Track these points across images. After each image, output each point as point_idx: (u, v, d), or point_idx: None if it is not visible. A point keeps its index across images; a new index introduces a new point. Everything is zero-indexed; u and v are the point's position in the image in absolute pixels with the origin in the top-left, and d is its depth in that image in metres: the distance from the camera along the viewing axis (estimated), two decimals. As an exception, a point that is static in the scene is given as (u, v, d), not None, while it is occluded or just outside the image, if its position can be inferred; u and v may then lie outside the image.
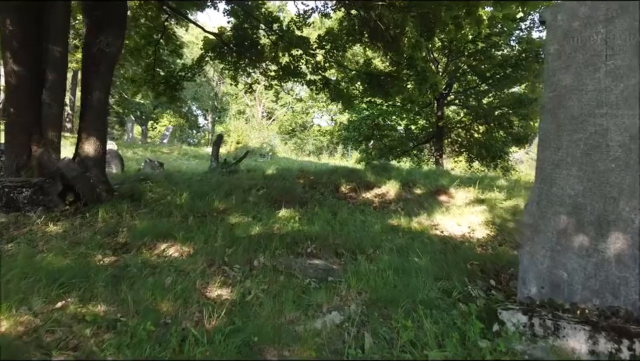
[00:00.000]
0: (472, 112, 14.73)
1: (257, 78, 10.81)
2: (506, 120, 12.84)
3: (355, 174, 9.54)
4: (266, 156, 20.68)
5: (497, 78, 12.80)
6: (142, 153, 19.15)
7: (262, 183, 9.19)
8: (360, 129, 16.08)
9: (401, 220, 6.21)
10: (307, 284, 3.41)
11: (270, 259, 3.90)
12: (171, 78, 10.32)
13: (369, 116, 15.95)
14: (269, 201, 7.61)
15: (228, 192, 8.19)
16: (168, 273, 3.54)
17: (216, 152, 11.29)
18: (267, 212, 6.60)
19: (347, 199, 8.51)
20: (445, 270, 3.95)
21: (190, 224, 5.35)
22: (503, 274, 4.09)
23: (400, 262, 4.03)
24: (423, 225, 6.27)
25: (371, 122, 15.75)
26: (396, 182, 8.66)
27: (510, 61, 12.49)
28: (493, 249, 5.00)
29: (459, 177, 9.19)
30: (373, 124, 15.83)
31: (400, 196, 8.25)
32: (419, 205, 7.70)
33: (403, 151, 14.93)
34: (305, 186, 9.27)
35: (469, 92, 14.80)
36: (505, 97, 13.25)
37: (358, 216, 6.77)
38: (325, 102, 27.90)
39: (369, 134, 16.02)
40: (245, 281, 3.51)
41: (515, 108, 12.50)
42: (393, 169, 9.72)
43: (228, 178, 9.92)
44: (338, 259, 4.28)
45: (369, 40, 9.00)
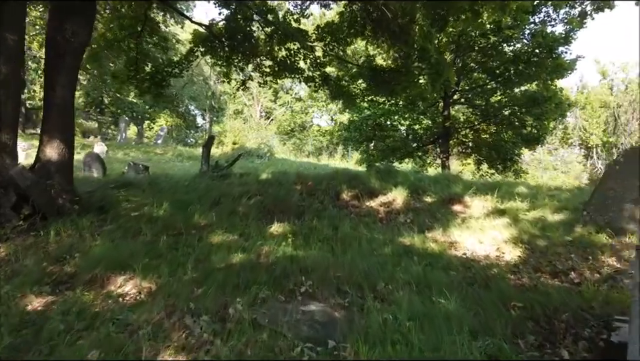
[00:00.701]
0: (479, 112, 13.71)
1: (250, 74, 9.78)
2: (518, 120, 11.83)
3: (357, 180, 8.54)
4: (263, 158, 19.68)
5: (507, 76, 11.77)
6: (134, 154, 18.14)
7: (255, 190, 8.19)
8: (361, 129, 15.05)
9: (414, 239, 5.21)
10: (299, 354, 2.40)
11: (249, 308, 2.89)
12: (156, 75, 9.30)
13: (371, 115, 14.93)
14: (261, 212, 6.61)
15: (215, 201, 7.19)
16: (107, 330, 2.53)
17: (206, 155, 10.28)
18: (256, 227, 5.60)
19: (349, 208, 7.51)
20: (482, 318, 2.95)
21: (160, 246, 4.35)
22: (557, 320, 3.09)
23: (422, 305, 3.04)
24: (439, 243, 5.28)
25: (373, 122, 14.72)
26: (403, 188, 7.66)
27: (523, 57, 11.47)
28: (531, 279, 4.00)
29: (473, 183, 8.19)
30: (375, 124, 14.79)
31: (408, 205, 7.25)
32: (430, 216, 6.70)
33: (407, 152, 13.90)
34: (302, 192, 8.27)
35: (476, 91, 13.78)
36: (515, 96, 12.22)
37: (362, 232, 5.78)
38: (324, 102, 26.87)
39: (371, 134, 14.97)
40: (214, 341, 2.51)
41: (528, 107, 11.48)
42: (399, 174, 8.73)
43: (218, 183, 8.92)
44: (341, 299, 3.28)
45: (372, 34, 7.98)
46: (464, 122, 13.31)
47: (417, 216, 6.73)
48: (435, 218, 6.66)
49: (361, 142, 16.08)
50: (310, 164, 20.65)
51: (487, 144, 12.68)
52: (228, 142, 20.74)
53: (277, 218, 6.27)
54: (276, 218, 6.33)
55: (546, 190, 7.86)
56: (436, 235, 5.71)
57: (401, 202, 7.40)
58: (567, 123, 22.19)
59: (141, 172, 9.70)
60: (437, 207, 6.99)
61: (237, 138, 20.28)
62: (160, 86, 9.45)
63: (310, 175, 9.33)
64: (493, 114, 12.47)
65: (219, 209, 6.69)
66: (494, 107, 12.83)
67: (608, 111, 22.13)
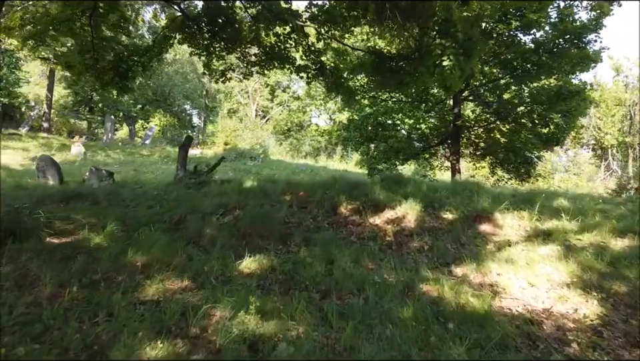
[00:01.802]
0: (492, 110, 12.12)
1: (231, 63, 8.17)
2: (539, 118, 10.25)
3: (358, 189, 6.94)
4: (257, 159, 18.07)
5: (525, 69, 10.17)
6: (116, 156, 16.54)
7: (234, 202, 6.60)
8: (361, 129, 13.38)
9: (442, 285, 3.60)
10: None
11: None
12: (120, 64, 7.68)
13: (372, 114, 13.30)
14: (234, 236, 5.01)
15: (179, 220, 5.60)
16: None
17: (182, 158, 8.69)
18: (220, 263, 4.00)
19: (349, 227, 5.92)
20: None
21: (44, 315, 2.71)
22: None
23: None
24: (475, 289, 3.69)
25: (374, 120, 13.09)
26: (415, 202, 6.06)
27: (546, 46, 9.84)
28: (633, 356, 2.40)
29: (499, 193, 6.58)
30: (376, 123, 13.15)
31: (423, 224, 5.65)
32: (453, 240, 5.11)
33: (411, 154, 12.30)
34: (292, 205, 6.68)
35: (487, 86, 12.20)
36: (537, 91, 10.61)
37: (367, 266, 4.20)
38: (322, 100, 25.25)
39: (372, 134, 13.30)
40: None
41: (552, 103, 9.87)
42: (408, 182, 7.12)
43: (192, 193, 7.33)
44: None
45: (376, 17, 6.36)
46: (477, 121, 11.68)
47: (435, 239, 5.14)
48: (460, 242, 5.07)
49: (361, 142, 14.43)
50: (307, 165, 19.05)
51: (502, 145, 11.08)
52: (220, 142, 19.13)
53: (253, 246, 4.68)
54: (252, 245, 4.74)
55: (592, 203, 6.25)
56: (467, 272, 4.12)
57: (413, 219, 5.80)
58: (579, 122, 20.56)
59: (104, 179, 8.11)
60: (461, 227, 5.39)
61: (229, 138, 18.68)
62: (125, 77, 7.84)
63: (302, 183, 7.72)
64: (510, 111, 10.86)
65: (179, 232, 5.10)
66: (512, 104, 11.21)
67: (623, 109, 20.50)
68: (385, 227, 5.74)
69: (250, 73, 8.43)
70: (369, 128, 13.42)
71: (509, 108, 11.10)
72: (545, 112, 10.20)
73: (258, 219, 5.46)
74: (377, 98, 12.60)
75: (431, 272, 4.09)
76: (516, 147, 10.87)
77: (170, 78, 27.46)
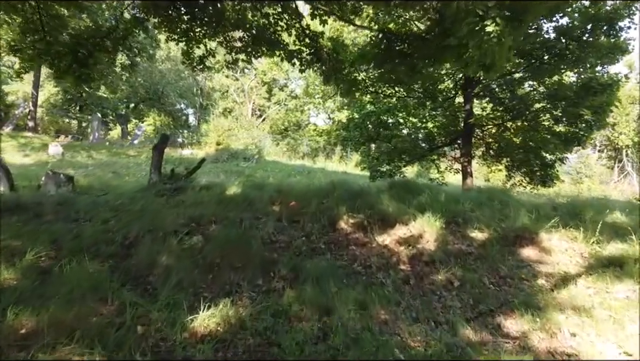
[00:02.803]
0: (503, 107, 10.85)
1: (211, 49, 6.85)
2: (564, 115, 8.95)
3: (362, 199, 5.63)
4: (251, 160, 16.74)
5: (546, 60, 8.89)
6: (99, 157, 15.20)
7: (209, 215, 5.30)
8: (362, 128, 12.01)
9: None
10: None
11: None
12: (78, 48, 6.34)
13: (374, 112, 11.97)
14: (198, 266, 3.69)
15: (133, 241, 4.28)
16: None
17: (157, 161, 7.37)
18: (165, 315, 2.68)
19: (351, 248, 4.61)
20: None
21: None
22: None
23: None
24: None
25: (376, 118, 11.77)
26: (433, 216, 4.75)
27: (571, 34, 8.54)
28: None
29: (535, 204, 5.26)
30: (379, 122, 11.82)
31: (445, 245, 4.34)
32: (491, 272, 3.80)
33: (419, 155, 11.00)
34: (280, 218, 5.38)
35: (500, 81, 10.91)
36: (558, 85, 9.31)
37: (378, 318, 2.89)
38: (321, 98, 23.88)
39: (374, 133, 11.96)
40: None
41: (580, 98, 8.57)
42: (422, 190, 5.79)
43: (161, 203, 6.01)
44: None
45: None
46: (491, 119, 10.38)
47: (465, 270, 3.83)
48: (499, 274, 3.76)
49: (362, 142, 13.07)
50: (304, 167, 17.74)
51: (520, 145, 9.77)
52: (212, 142, 17.84)
53: (221, 283, 3.38)
54: (220, 281, 3.43)
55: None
56: (525, 329, 2.81)
57: (432, 239, 4.50)
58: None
59: (63, 184, 6.79)
60: (497, 252, 4.08)
61: (221, 137, 17.39)
62: (85, 65, 6.49)
63: (295, 190, 6.41)
64: (529, 107, 9.56)
65: (126, 261, 3.78)
66: (530, 99, 9.90)
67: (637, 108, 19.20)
68: (398, 249, 4.43)
69: (234, 61, 7.10)
70: (370, 127, 12.09)
71: (528, 104, 9.78)
72: (571, 107, 8.89)
73: (234, 240, 4.14)
74: (380, 94, 11.28)
75: (471, 328, 2.77)
76: (536, 148, 9.57)
77: (163, 76, 26.11)
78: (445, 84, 11.45)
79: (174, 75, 27.14)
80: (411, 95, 11.39)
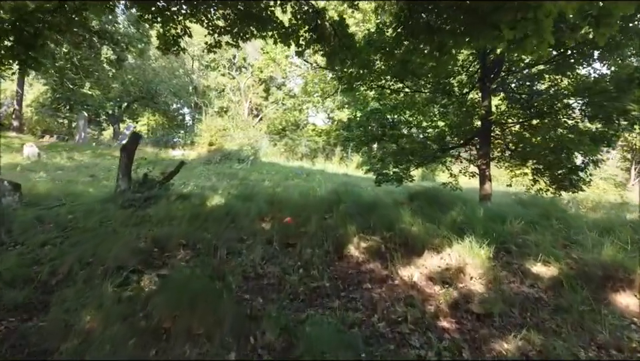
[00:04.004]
0: (522, 104, 9.60)
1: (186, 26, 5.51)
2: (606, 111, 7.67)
3: (375, 213, 4.34)
4: (245, 161, 15.41)
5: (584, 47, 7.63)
6: (81, 158, 13.83)
7: (177, 237, 4.02)
8: (366, 127, 10.65)
9: None
10: None
11: None
12: (23, 25, 5.04)
13: (379, 109, 10.65)
14: (136, 333, 2.37)
15: (60, 281, 2.98)
16: None
17: (125, 165, 6.05)
18: None
19: (366, 287, 3.34)
20: None
21: None
22: None
23: None
24: None
25: (382, 116, 10.46)
26: (476, 239, 3.44)
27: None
28: None
29: (600, 222, 3.95)
30: (384, 121, 10.51)
31: (498, 284, 3.05)
32: (583, 335, 2.49)
33: (430, 156, 9.71)
34: (271, 241, 4.08)
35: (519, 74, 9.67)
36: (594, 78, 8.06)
37: None
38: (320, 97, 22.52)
39: (379, 133, 10.60)
40: None
41: (623, 91, 7.28)
42: (453, 202, 4.49)
43: (126, 216, 4.70)
44: None
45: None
46: (515, 116, 9.09)
47: (543, 331, 2.51)
48: (595, 340, 2.46)
49: (365, 142, 11.70)
50: (302, 168, 16.41)
51: (548, 146, 8.49)
52: (204, 142, 16.53)
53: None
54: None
55: None
56: None
57: (477, 275, 3.21)
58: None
59: (7, 193, 5.46)
60: (583, 300, 2.76)
61: (214, 137, 16.08)
62: (32, 46, 5.19)
63: (291, 202, 5.11)
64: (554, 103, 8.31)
65: (37, 318, 2.47)
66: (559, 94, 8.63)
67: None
68: (432, 291, 3.13)
69: (217, 44, 5.79)
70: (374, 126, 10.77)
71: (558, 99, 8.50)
72: (609, 102, 7.60)
73: (199, 286, 2.82)
74: (387, 88, 9.96)
75: None
76: (566, 148, 8.27)
77: (157, 74, 24.74)
78: (458, 78, 10.16)
79: (168, 73, 25.78)
80: (421, 90, 10.09)
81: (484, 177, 9.04)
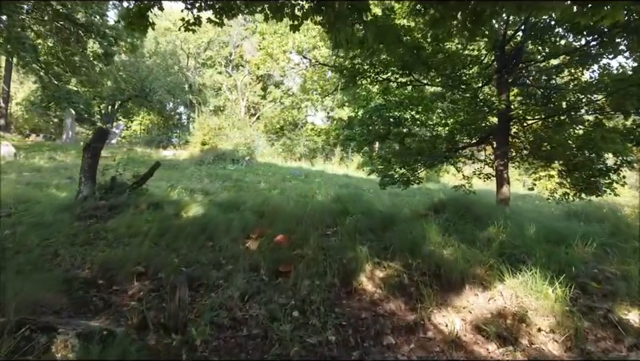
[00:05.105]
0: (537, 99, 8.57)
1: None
2: None
3: (392, 230, 3.32)
4: (241, 162, 14.37)
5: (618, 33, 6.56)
6: (64, 158, 12.78)
7: (142, 258, 3.00)
8: (369, 125, 9.54)
9: None
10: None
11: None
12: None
13: (384, 105, 9.56)
14: None
15: None
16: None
17: (89, 167, 5.03)
18: None
19: (388, 338, 2.30)
20: None
21: None
22: None
23: None
24: None
25: (387, 113, 9.38)
26: (540, 272, 2.41)
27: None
28: None
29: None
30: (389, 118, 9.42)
31: (582, 343, 2.01)
32: None
33: (440, 156, 8.70)
34: (257, 267, 3.06)
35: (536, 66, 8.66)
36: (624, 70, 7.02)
37: None
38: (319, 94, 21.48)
39: (383, 132, 9.50)
40: None
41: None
42: (490, 214, 3.47)
43: (76, 231, 3.68)
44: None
45: None
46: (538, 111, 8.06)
47: None
48: None
49: (368, 142, 10.60)
50: (301, 169, 15.38)
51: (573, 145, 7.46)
52: (197, 141, 15.50)
53: None
54: None
55: None
56: None
57: (546, 325, 2.19)
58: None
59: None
60: None
61: (207, 136, 15.04)
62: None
63: (284, 213, 4.08)
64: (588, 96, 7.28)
65: None
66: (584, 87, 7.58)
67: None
68: (485, 353, 2.11)
69: (197, 21, 4.74)
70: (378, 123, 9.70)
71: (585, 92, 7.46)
72: None
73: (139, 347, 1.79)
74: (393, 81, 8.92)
75: None
76: (596, 148, 7.25)
77: (151, 71, 23.67)
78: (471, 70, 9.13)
79: (162, 71, 24.71)
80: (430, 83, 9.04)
81: (501, 179, 7.98)
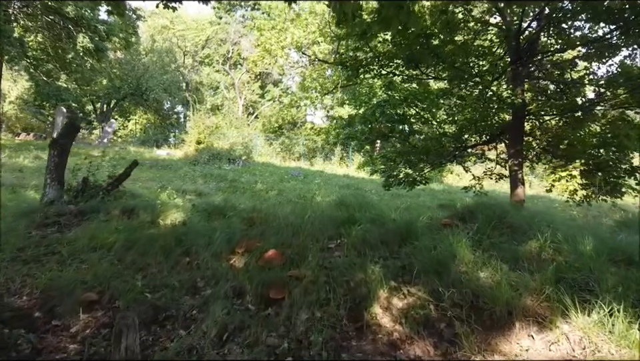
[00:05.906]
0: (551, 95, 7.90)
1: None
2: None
3: (413, 244, 2.65)
4: (237, 162, 13.68)
5: None
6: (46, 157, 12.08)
7: (93, 282, 2.32)
8: (371, 122, 8.78)
9: None
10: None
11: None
12: None
13: (387, 101, 8.83)
14: None
15: None
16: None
17: (56, 166, 4.37)
18: None
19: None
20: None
21: None
22: None
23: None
24: None
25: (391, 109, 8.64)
26: (608, 305, 1.73)
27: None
28: None
29: None
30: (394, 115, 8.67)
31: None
32: None
33: (447, 156, 8.05)
34: (241, 291, 2.39)
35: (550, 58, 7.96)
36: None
37: None
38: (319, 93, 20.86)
39: (387, 129, 8.76)
40: None
41: None
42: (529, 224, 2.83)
43: (22, 246, 3.01)
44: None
45: None
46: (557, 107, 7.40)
47: None
48: None
49: (371, 140, 9.91)
50: (300, 169, 14.70)
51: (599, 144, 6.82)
52: (192, 140, 14.80)
53: None
54: None
55: None
56: None
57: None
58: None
59: None
60: None
61: (202, 135, 14.35)
62: None
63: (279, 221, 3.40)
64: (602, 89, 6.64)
65: None
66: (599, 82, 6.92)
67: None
68: None
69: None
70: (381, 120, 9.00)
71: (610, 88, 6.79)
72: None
73: None
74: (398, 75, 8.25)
75: None
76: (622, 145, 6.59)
77: (146, 69, 22.97)
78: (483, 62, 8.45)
79: (158, 69, 24.02)
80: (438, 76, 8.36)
81: (516, 180, 7.28)
